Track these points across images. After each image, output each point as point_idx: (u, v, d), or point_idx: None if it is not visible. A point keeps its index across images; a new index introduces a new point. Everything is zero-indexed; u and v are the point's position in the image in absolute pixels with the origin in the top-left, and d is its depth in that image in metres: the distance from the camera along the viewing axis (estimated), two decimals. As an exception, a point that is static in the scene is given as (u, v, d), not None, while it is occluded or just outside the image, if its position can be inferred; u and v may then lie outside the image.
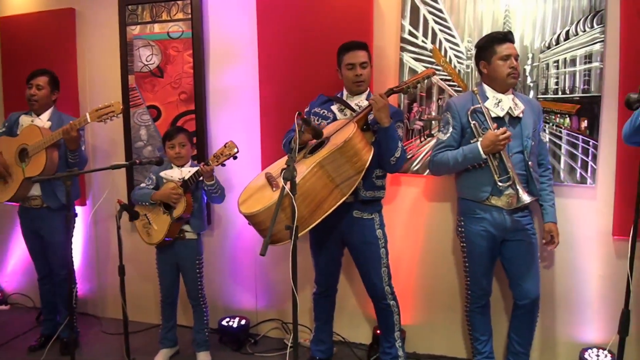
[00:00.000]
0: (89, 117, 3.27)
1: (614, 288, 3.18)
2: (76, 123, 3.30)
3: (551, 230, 3.04)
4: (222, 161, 3.20)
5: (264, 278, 3.89)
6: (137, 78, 3.93)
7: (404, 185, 3.54)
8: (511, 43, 2.92)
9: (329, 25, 3.46)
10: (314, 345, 3.44)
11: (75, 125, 3.30)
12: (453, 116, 3.00)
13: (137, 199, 3.39)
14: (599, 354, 3.21)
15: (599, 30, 3.10)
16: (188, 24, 3.77)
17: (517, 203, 2.85)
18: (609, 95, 3.14)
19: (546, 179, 3.08)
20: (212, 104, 3.85)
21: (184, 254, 3.42)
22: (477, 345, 3.19)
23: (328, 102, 3.21)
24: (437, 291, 3.56)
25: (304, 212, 2.72)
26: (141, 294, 4.05)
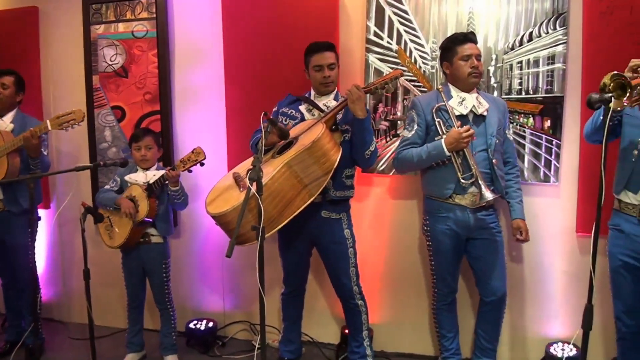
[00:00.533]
0: (50, 125, 3.20)
1: (578, 284, 3.25)
2: (36, 130, 3.22)
3: (519, 227, 3.08)
4: (188, 167, 3.17)
5: (231, 280, 3.87)
6: (102, 78, 3.87)
7: (370, 185, 3.56)
8: (473, 43, 2.96)
9: (294, 25, 3.45)
10: (282, 345, 3.43)
11: (36, 132, 3.22)
12: (418, 114, 3.03)
13: (100, 202, 3.33)
14: (564, 347, 3.28)
15: (562, 32, 3.16)
16: (153, 23, 3.73)
17: (480, 201, 2.88)
18: (572, 95, 3.21)
19: (513, 176, 3.13)
20: (178, 104, 3.81)
21: (150, 258, 3.38)
22: (444, 342, 3.23)
23: (296, 102, 3.20)
24: (403, 289, 3.59)
25: (273, 213, 2.71)
26: (107, 298, 3.99)
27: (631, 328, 2.72)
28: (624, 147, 2.67)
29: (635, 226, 2.62)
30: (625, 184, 2.64)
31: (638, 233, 2.61)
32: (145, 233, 3.33)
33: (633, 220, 2.63)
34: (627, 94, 2.21)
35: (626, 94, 2.21)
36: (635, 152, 2.59)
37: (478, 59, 2.95)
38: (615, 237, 2.74)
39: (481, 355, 3.17)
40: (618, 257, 2.71)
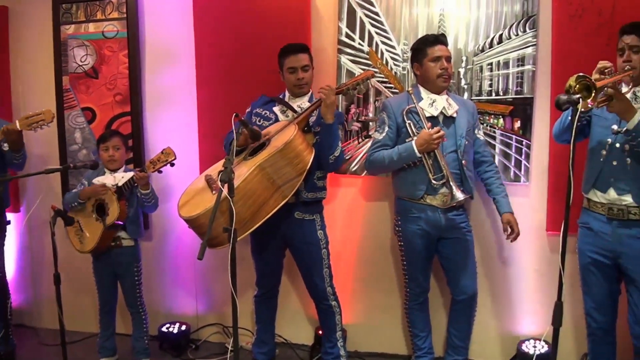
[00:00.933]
0: (19, 125, 3.15)
1: (549, 281, 3.29)
2: (4, 130, 3.17)
3: (509, 221, 3.05)
4: (158, 167, 3.14)
5: (204, 282, 3.84)
6: (72, 79, 3.81)
7: (343, 186, 3.57)
8: (443, 45, 2.99)
9: (266, 26, 3.45)
10: (256, 347, 3.41)
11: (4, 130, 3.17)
12: (389, 116, 3.05)
13: (67, 202, 3.29)
14: (535, 344, 3.32)
15: (531, 35, 3.21)
16: (123, 24, 3.68)
17: (451, 201, 2.91)
18: (541, 96, 3.26)
19: (493, 172, 3.15)
20: (149, 105, 3.77)
21: (122, 262, 3.34)
22: (417, 341, 3.25)
23: (270, 103, 3.20)
24: (376, 290, 3.60)
25: (245, 215, 2.70)
26: (78, 303, 3.93)
27: (601, 324, 2.78)
28: (593, 147, 2.72)
29: (604, 224, 2.67)
30: (593, 183, 2.69)
31: (607, 231, 2.66)
32: (116, 237, 3.29)
33: (602, 218, 2.68)
34: (592, 95, 2.25)
35: (591, 95, 2.25)
36: (603, 152, 2.64)
37: (448, 60, 2.98)
38: (585, 235, 2.79)
39: (453, 353, 3.20)
40: (587, 255, 2.76)
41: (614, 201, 2.62)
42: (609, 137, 2.62)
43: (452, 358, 3.21)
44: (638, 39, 2.52)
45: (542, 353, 3.23)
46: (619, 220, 2.62)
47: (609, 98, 2.39)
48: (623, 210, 2.60)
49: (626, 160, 2.57)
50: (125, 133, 3.65)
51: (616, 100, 2.40)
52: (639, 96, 2.58)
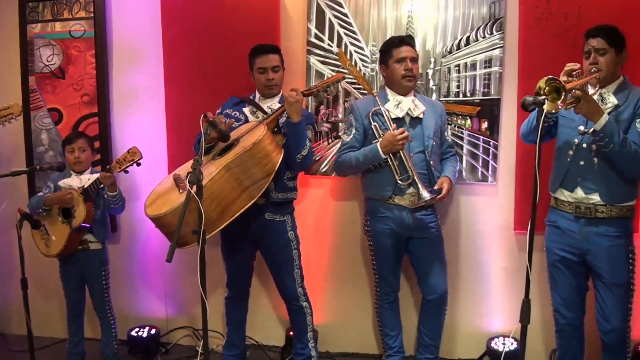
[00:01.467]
0: None
1: (517, 279, 3.32)
2: None
3: (442, 182, 3.03)
4: (124, 167, 3.09)
5: (173, 285, 3.80)
6: (38, 79, 3.75)
7: (313, 187, 3.57)
8: (409, 46, 3.02)
9: (235, 26, 3.43)
10: (226, 350, 3.38)
11: None
12: (356, 118, 3.07)
13: (32, 207, 3.22)
14: (505, 341, 3.37)
15: (499, 37, 3.26)
16: (90, 23, 3.63)
17: (418, 201, 2.93)
18: (508, 97, 3.31)
19: (450, 155, 3.18)
20: (116, 106, 3.72)
21: (89, 266, 3.29)
22: (388, 341, 3.27)
23: (240, 104, 3.19)
24: (347, 290, 3.62)
25: (212, 214, 2.68)
26: (46, 308, 3.86)
27: (569, 320, 2.83)
28: (560, 147, 2.78)
29: (571, 222, 2.73)
30: (560, 182, 2.75)
31: (574, 229, 2.72)
32: (83, 240, 3.24)
33: (569, 216, 2.73)
34: (561, 97, 2.29)
35: (561, 97, 2.29)
36: (570, 152, 2.69)
37: (413, 61, 3.01)
38: (552, 233, 2.84)
39: (424, 352, 3.23)
40: (555, 252, 2.81)
41: (581, 200, 2.68)
42: (576, 137, 2.68)
43: (423, 357, 3.23)
44: (604, 42, 2.58)
45: (511, 350, 3.28)
46: (586, 218, 2.68)
47: (577, 100, 2.44)
48: (590, 209, 2.66)
49: (593, 160, 2.63)
50: (93, 134, 3.60)
51: (584, 102, 2.45)
52: (605, 97, 2.64)
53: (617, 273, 2.64)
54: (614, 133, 2.47)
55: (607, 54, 2.59)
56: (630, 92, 2.64)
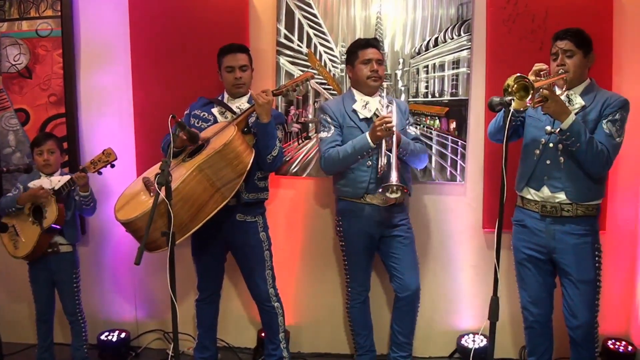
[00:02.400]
0: None
1: (486, 277, 3.38)
2: None
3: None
4: (99, 168, 3.07)
5: (143, 288, 3.76)
6: (4, 79, 3.66)
7: (284, 188, 3.57)
8: (374, 48, 3.04)
9: (204, 27, 3.42)
10: (197, 352, 3.36)
11: None
12: (331, 117, 3.07)
13: (3, 207, 3.15)
14: (475, 338, 3.43)
15: (466, 38, 3.30)
16: (57, 22, 3.57)
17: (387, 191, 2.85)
18: (476, 98, 3.35)
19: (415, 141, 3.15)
20: (84, 107, 3.66)
21: (60, 269, 3.24)
22: (359, 340, 3.29)
23: (209, 104, 3.17)
24: (318, 290, 3.62)
25: (184, 217, 2.67)
26: (15, 313, 3.79)
27: (537, 317, 2.88)
28: (527, 146, 2.82)
29: (537, 221, 2.77)
30: (527, 181, 2.79)
31: (540, 227, 2.76)
32: (53, 242, 3.19)
33: (535, 215, 2.78)
34: (529, 95, 2.32)
35: (529, 95, 2.33)
36: (537, 151, 2.74)
37: (379, 63, 3.03)
38: (519, 232, 2.89)
39: (397, 350, 3.24)
40: (522, 251, 2.86)
41: (548, 199, 2.72)
42: (543, 137, 2.73)
43: (396, 355, 3.24)
44: (572, 44, 2.63)
45: (480, 347, 3.33)
46: (552, 217, 2.72)
47: (545, 99, 2.49)
48: (556, 208, 2.70)
49: (559, 159, 2.68)
50: (61, 135, 3.53)
51: (551, 101, 2.50)
52: (572, 99, 2.69)
53: (584, 270, 2.70)
54: (581, 132, 2.52)
55: (575, 55, 2.64)
56: (597, 94, 2.69)
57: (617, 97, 2.65)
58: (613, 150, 2.60)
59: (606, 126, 2.60)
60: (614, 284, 3.34)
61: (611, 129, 2.60)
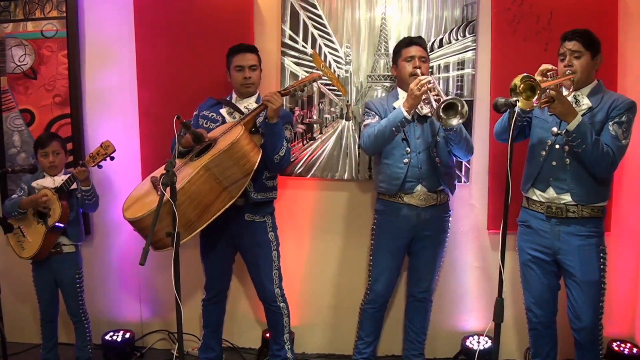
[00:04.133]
0: None
1: (490, 278, 3.40)
2: None
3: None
4: (98, 161, 3.07)
5: (148, 288, 3.76)
6: (10, 80, 3.67)
7: (287, 189, 3.56)
8: (418, 46, 3.01)
9: (209, 28, 3.42)
10: (202, 353, 3.36)
11: None
12: (374, 109, 3.05)
13: (8, 211, 3.16)
14: (479, 340, 3.42)
15: (471, 39, 3.30)
16: (63, 23, 3.57)
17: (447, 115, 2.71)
18: (481, 99, 3.35)
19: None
20: (89, 107, 3.67)
21: (63, 269, 3.24)
22: (359, 344, 3.26)
23: (217, 105, 3.18)
24: (323, 291, 3.62)
25: (191, 216, 2.68)
26: (19, 313, 3.79)
27: (541, 318, 2.87)
28: (533, 147, 2.82)
29: (542, 222, 2.77)
30: (532, 182, 2.79)
31: (545, 228, 2.76)
32: (57, 243, 3.19)
33: (540, 216, 2.78)
34: (536, 95, 2.32)
35: (535, 95, 2.32)
36: (543, 152, 2.74)
37: (423, 60, 3.00)
38: (524, 233, 2.89)
39: (411, 348, 3.26)
40: (527, 252, 2.86)
41: (553, 200, 2.73)
42: (549, 138, 2.72)
43: (409, 353, 3.26)
44: (580, 44, 2.62)
45: (485, 348, 3.31)
46: (557, 218, 2.72)
47: (551, 100, 2.48)
48: (562, 209, 2.70)
49: (565, 160, 2.68)
50: (65, 135, 3.55)
51: (558, 102, 2.49)
52: (579, 100, 2.68)
53: (588, 272, 2.69)
54: (587, 134, 2.52)
55: (583, 57, 2.63)
56: (604, 95, 2.68)
57: (624, 99, 2.64)
58: (619, 152, 2.60)
59: (612, 128, 2.60)
60: (619, 286, 3.34)
61: (617, 130, 2.59)
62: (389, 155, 3.03)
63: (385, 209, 3.10)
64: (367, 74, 3.38)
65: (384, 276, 3.14)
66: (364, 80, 3.39)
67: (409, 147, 2.99)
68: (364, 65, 3.38)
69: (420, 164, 2.98)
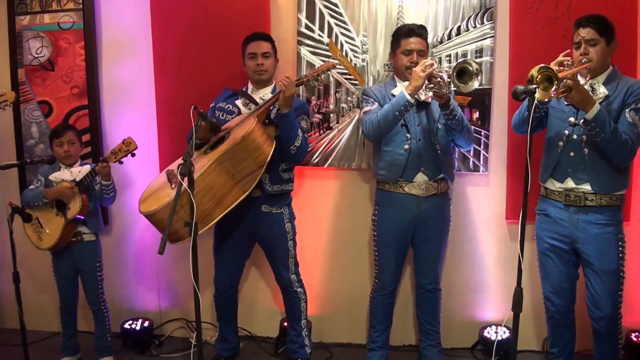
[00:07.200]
0: None
1: (509, 268, 3.36)
2: None
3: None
4: (120, 158, 3.09)
5: (166, 277, 3.80)
6: (27, 72, 3.70)
7: (305, 178, 3.56)
8: (418, 38, 2.96)
9: (225, 18, 3.42)
10: (219, 343, 3.39)
11: None
12: (372, 96, 3.03)
13: (30, 200, 3.19)
14: (497, 330, 3.41)
15: (489, 27, 3.26)
16: (79, 14, 3.59)
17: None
18: (499, 87, 3.31)
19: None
20: (106, 98, 3.69)
21: (83, 258, 3.28)
22: (372, 333, 3.27)
23: (233, 96, 3.18)
24: (341, 280, 3.62)
25: (206, 208, 2.69)
26: (39, 302, 3.84)
27: (559, 307, 2.86)
28: (550, 138, 2.79)
29: (561, 210, 2.75)
30: (551, 173, 2.77)
31: (564, 217, 2.74)
32: (77, 232, 3.23)
33: (559, 205, 2.76)
34: (553, 86, 2.29)
35: (553, 85, 2.29)
36: (560, 143, 2.71)
37: (420, 54, 2.95)
38: (542, 222, 2.86)
39: (426, 338, 3.25)
40: (545, 240, 2.84)
41: (572, 189, 2.70)
42: (566, 129, 2.69)
43: (425, 344, 3.26)
44: (594, 32, 2.58)
45: (503, 338, 3.31)
46: (576, 206, 2.70)
47: (568, 89, 2.44)
48: (580, 197, 2.68)
49: (584, 150, 2.64)
50: (83, 127, 3.59)
51: (575, 92, 2.45)
52: (595, 88, 2.64)
53: (607, 260, 2.67)
54: (605, 122, 2.48)
55: (598, 44, 2.59)
56: (619, 82, 2.64)
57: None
58: (637, 139, 2.56)
59: (629, 115, 2.56)
60: (638, 276, 3.29)
61: (634, 117, 2.56)
62: (389, 142, 3.00)
63: (385, 200, 3.08)
64: (384, 62, 3.35)
65: (389, 267, 3.14)
66: (380, 69, 3.36)
67: (408, 133, 2.96)
68: (381, 54, 3.35)
69: (421, 151, 2.96)
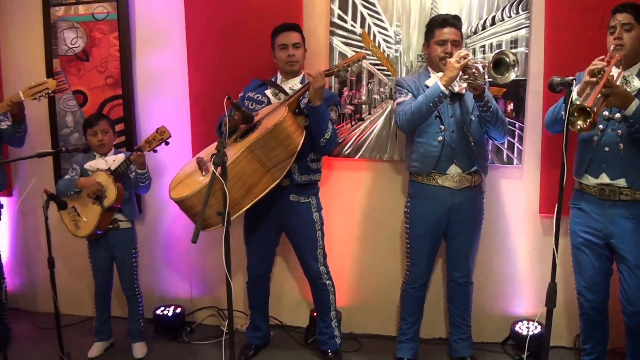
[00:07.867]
0: (22, 95, 3.15)
1: (541, 263, 3.32)
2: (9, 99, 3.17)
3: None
4: (154, 146, 3.14)
5: (198, 265, 3.84)
6: (62, 62, 3.77)
7: (336, 169, 3.56)
8: (453, 28, 2.91)
9: (258, 8, 3.42)
10: (250, 331, 3.43)
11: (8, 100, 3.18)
12: (406, 87, 3.00)
13: (62, 190, 3.25)
14: (529, 325, 3.37)
15: (524, 16, 3.19)
16: (113, 5, 3.63)
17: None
18: (534, 79, 3.25)
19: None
20: (140, 88, 3.74)
21: (120, 245, 3.34)
22: (403, 325, 3.25)
23: (262, 86, 3.19)
24: (371, 271, 3.62)
25: (236, 196, 2.71)
26: (73, 286, 3.93)
27: (592, 303, 2.81)
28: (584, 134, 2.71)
29: (595, 205, 2.70)
30: (585, 169, 2.71)
31: (598, 211, 2.69)
32: (114, 219, 3.29)
33: (593, 199, 2.71)
34: (592, 116, 2.23)
35: (591, 115, 2.23)
36: (595, 138, 2.65)
37: (454, 44, 2.91)
38: (576, 216, 2.81)
39: (457, 332, 3.24)
40: (579, 235, 2.79)
41: (607, 184, 2.65)
42: (601, 123, 2.63)
43: (456, 337, 3.25)
44: (631, 17, 2.51)
45: (535, 334, 3.26)
46: (610, 200, 2.65)
47: (605, 96, 2.38)
48: (615, 191, 2.63)
49: (619, 145, 2.59)
50: (117, 116, 3.64)
51: (612, 97, 2.40)
52: (629, 81, 2.58)
53: (641, 255, 2.60)
54: None
55: (633, 29, 2.52)
56: None
57: None
58: None
59: None
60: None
61: None
62: (422, 133, 2.96)
63: (418, 193, 3.05)
64: (417, 53, 3.31)
65: (421, 259, 3.12)
66: (414, 60, 3.33)
67: (442, 124, 2.93)
68: (414, 44, 3.31)
69: (454, 142, 2.92)
